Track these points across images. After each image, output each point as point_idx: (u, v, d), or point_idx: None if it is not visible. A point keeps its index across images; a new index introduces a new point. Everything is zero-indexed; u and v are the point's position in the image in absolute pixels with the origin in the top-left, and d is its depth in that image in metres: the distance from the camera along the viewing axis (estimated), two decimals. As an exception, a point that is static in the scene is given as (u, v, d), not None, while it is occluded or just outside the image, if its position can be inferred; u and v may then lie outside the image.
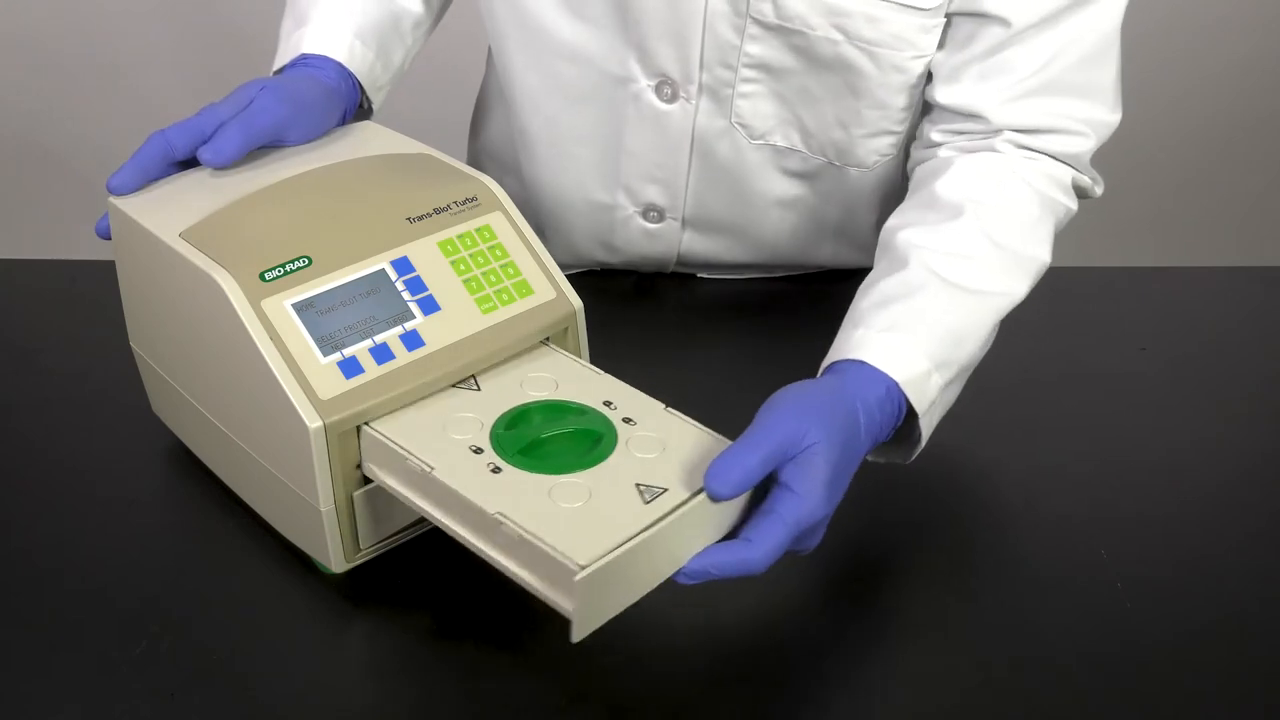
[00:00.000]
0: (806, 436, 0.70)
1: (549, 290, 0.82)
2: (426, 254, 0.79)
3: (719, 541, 0.70)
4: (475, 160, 1.26)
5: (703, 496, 0.67)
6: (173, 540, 0.85)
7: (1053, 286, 1.11)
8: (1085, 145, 0.95)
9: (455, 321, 0.78)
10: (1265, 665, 0.79)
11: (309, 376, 0.72)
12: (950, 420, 0.87)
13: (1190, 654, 0.79)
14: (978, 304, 0.86)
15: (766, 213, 1.10)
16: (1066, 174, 0.95)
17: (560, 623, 0.64)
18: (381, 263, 0.77)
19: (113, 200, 0.81)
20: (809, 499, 0.70)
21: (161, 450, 0.91)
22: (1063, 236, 0.96)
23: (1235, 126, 2.43)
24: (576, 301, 0.83)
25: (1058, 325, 1.13)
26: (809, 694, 0.76)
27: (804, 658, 0.78)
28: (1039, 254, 0.90)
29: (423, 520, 0.80)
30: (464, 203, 0.82)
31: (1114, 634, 0.81)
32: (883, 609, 0.82)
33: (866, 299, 0.86)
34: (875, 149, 1.02)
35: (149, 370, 0.88)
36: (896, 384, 0.79)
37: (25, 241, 2.29)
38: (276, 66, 0.99)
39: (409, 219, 0.80)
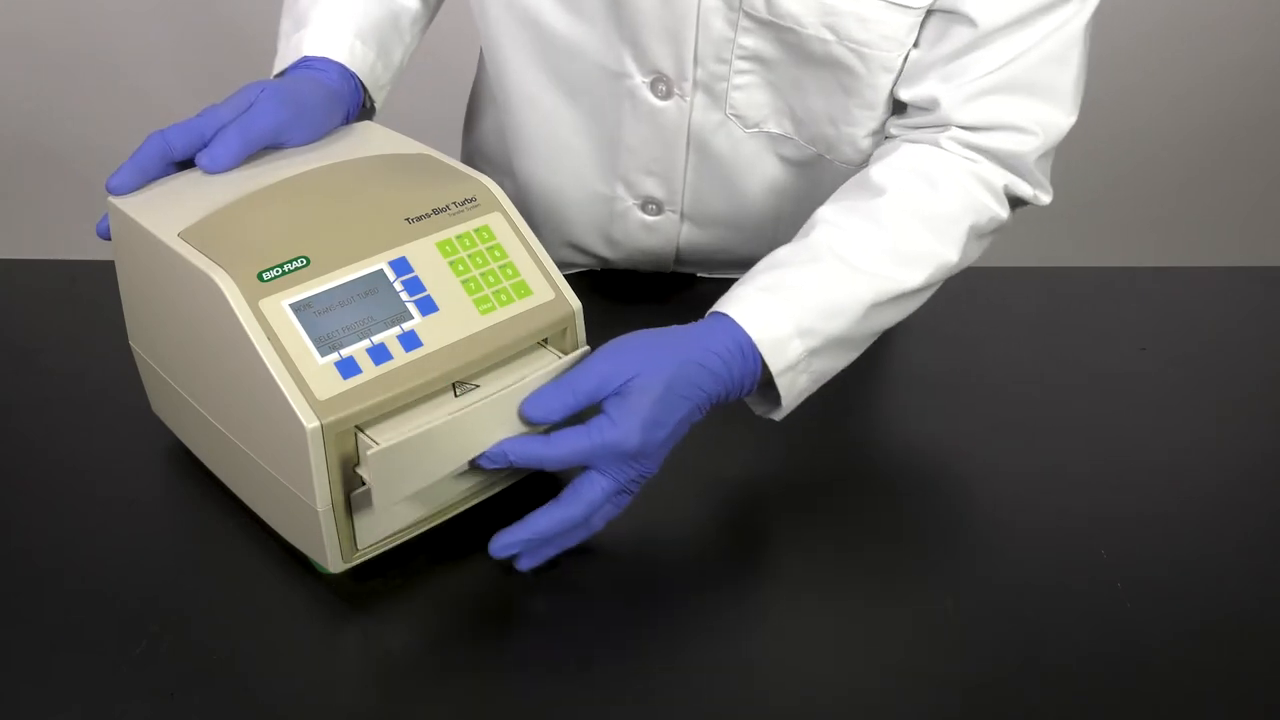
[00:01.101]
0: (629, 375, 0.77)
1: (547, 291, 0.82)
2: (425, 254, 0.79)
3: (524, 434, 0.77)
4: (469, 161, 1.25)
5: (504, 393, 0.75)
6: (173, 540, 0.85)
7: (1053, 286, 1.12)
8: (1032, 144, 0.94)
9: (453, 322, 0.77)
10: (1265, 665, 0.79)
11: (306, 377, 0.72)
12: (950, 420, 0.87)
13: (1190, 654, 0.79)
14: (860, 282, 0.88)
15: (763, 204, 1.10)
16: (1001, 179, 0.95)
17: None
18: (380, 263, 0.77)
19: (112, 200, 0.81)
20: (619, 426, 0.76)
21: (161, 450, 0.91)
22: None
23: (1236, 126, 2.43)
24: (575, 302, 0.82)
25: (1058, 325, 1.13)
26: (803, 695, 0.76)
27: (797, 657, 0.78)
28: (944, 252, 0.91)
29: (421, 521, 0.81)
30: (463, 203, 0.82)
31: (1114, 634, 0.80)
32: (880, 609, 0.82)
33: (766, 260, 0.90)
34: (862, 147, 1.02)
35: (148, 370, 0.88)
36: (751, 340, 0.83)
37: (25, 241, 2.29)
38: (277, 69, 0.98)
39: (407, 219, 0.80)
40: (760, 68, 1.00)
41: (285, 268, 0.74)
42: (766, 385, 0.87)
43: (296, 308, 0.73)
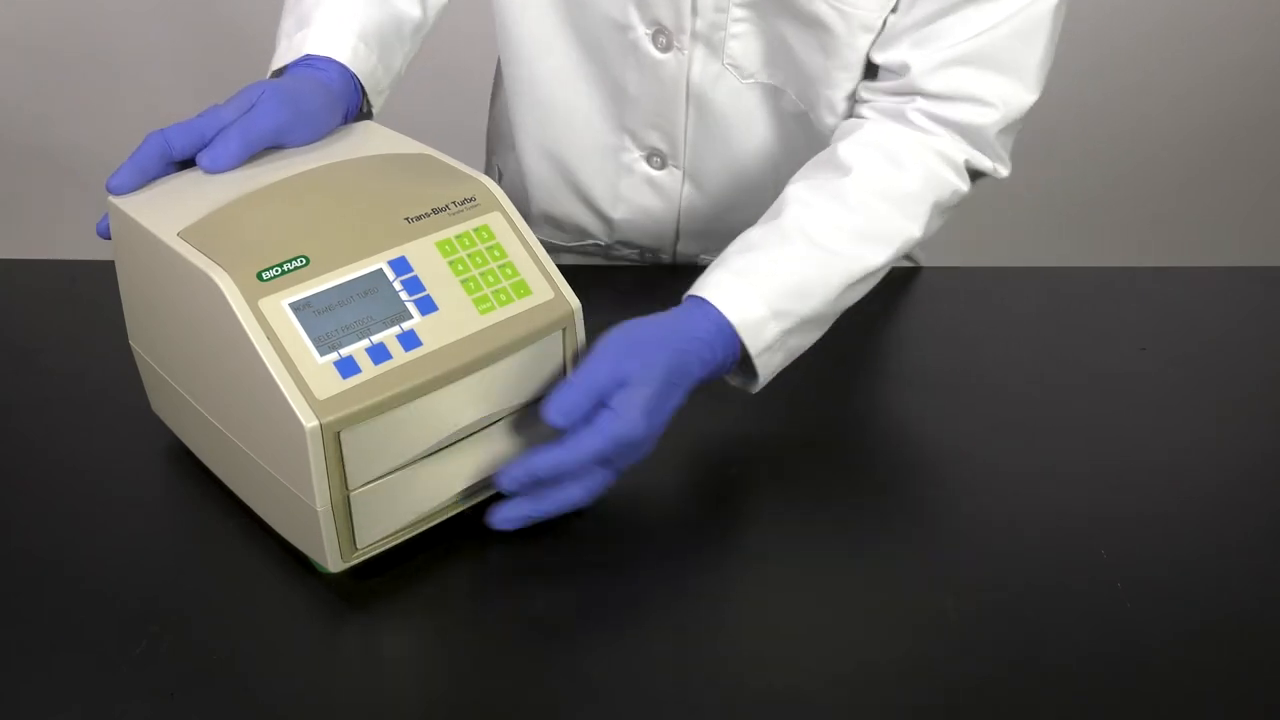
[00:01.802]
0: (629, 373, 0.81)
1: (547, 290, 0.82)
2: (424, 254, 0.79)
3: (540, 446, 0.81)
4: (493, 144, 1.31)
5: (477, 375, 0.78)
6: (173, 540, 0.85)
7: (1053, 286, 1.11)
8: (992, 118, 0.98)
9: (452, 322, 0.78)
10: (1265, 665, 0.79)
11: (306, 376, 0.71)
12: (949, 419, 0.86)
13: (1190, 654, 0.79)
14: (831, 264, 0.92)
15: (761, 164, 1.12)
16: (962, 154, 0.98)
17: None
18: (379, 263, 0.77)
19: (112, 200, 0.81)
20: (625, 418, 0.80)
21: (161, 450, 0.91)
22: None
23: (1236, 126, 2.43)
24: (574, 301, 0.83)
25: (1058, 325, 1.13)
26: (798, 692, 0.76)
27: (793, 655, 0.78)
28: (908, 228, 0.95)
29: (420, 521, 0.81)
30: (462, 203, 0.82)
31: (1114, 634, 0.80)
32: (879, 608, 0.82)
33: (738, 242, 0.93)
34: (839, 110, 1.04)
35: (148, 369, 0.88)
36: (731, 324, 0.88)
37: (25, 241, 2.29)
38: (276, 66, 0.98)
39: (407, 219, 0.80)
40: (755, 16, 1.02)
41: (284, 267, 0.74)
42: (743, 361, 0.91)
43: (296, 307, 0.73)
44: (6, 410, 0.95)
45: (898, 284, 1.16)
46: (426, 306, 0.78)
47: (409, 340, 0.76)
